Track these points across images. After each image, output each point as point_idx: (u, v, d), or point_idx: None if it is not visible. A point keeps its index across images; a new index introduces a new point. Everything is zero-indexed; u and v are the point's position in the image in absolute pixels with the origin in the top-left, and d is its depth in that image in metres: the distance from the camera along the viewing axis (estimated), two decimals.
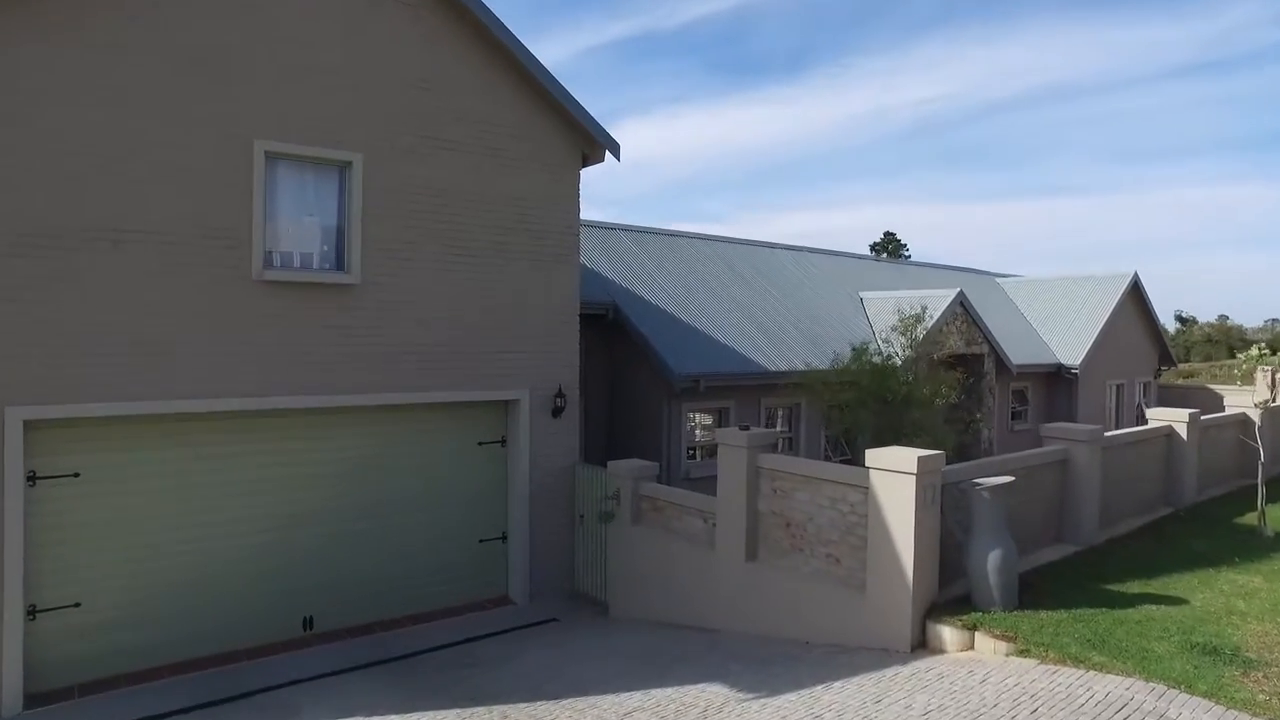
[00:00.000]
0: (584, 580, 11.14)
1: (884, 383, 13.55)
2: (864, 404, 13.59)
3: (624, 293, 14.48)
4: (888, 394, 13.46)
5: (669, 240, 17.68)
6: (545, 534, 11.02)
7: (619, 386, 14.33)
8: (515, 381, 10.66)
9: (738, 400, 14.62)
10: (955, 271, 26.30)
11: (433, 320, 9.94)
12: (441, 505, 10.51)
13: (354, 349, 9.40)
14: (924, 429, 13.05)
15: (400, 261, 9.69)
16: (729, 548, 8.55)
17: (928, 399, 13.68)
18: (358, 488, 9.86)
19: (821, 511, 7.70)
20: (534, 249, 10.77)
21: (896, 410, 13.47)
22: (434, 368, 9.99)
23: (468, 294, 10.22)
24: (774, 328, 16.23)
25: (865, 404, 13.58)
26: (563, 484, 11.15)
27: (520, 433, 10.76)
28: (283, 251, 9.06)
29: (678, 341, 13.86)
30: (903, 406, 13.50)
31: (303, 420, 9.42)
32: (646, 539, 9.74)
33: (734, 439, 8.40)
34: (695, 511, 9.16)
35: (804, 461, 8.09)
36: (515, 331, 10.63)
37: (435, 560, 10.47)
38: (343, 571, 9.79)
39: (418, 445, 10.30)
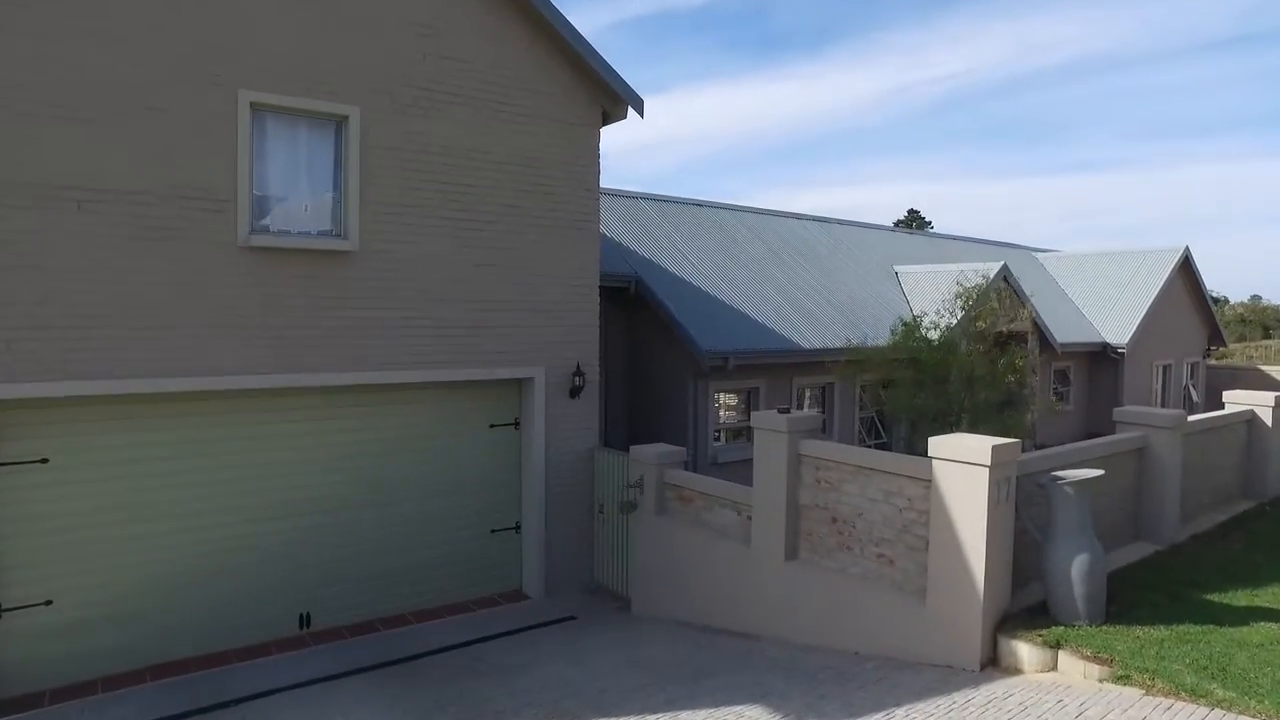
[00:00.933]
0: (604, 573, 10.31)
1: (944, 361, 12.41)
2: (920, 384, 12.49)
3: (647, 264, 13.55)
4: (950, 373, 12.33)
5: (694, 210, 16.70)
6: (562, 524, 10.19)
7: (641, 365, 13.44)
8: (529, 358, 9.79)
9: (768, 380, 13.69)
10: (991, 245, 25.12)
11: (438, 291, 9.07)
12: (450, 492, 9.69)
13: (352, 323, 8.55)
14: (984, 414, 11.88)
15: (403, 227, 8.81)
16: (766, 544, 7.67)
17: (994, 379, 12.57)
18: (358, 474, 9.05)
19: (873, 506, 6.79)
20: (550, 214, 9.86)
21: (956, 392, 12.35)
22: (440, 343, 9.13)
23: (477, 263, 9.33)
24: (807, 303, 15.25)
25: (922, 384, 12.48)
26: (581, 470, 10.30)
27: (535, 414, 9.91)
28: (272, 215, 8.20)
29: (705, 317, 12.93)
30: (964, 388, 12.38)
31: (296, 401, 8.60)
32: (673, 532, 8.88)
33: (772, 423, 7.49)
34: (727, 503, 8.28)
35: (854, 449, 7.17)
36: (529, 304, 9.74)
37: (443, 552, 9.67)
38: (343, 564, 9.00)
39: (423, 428, 9.47)
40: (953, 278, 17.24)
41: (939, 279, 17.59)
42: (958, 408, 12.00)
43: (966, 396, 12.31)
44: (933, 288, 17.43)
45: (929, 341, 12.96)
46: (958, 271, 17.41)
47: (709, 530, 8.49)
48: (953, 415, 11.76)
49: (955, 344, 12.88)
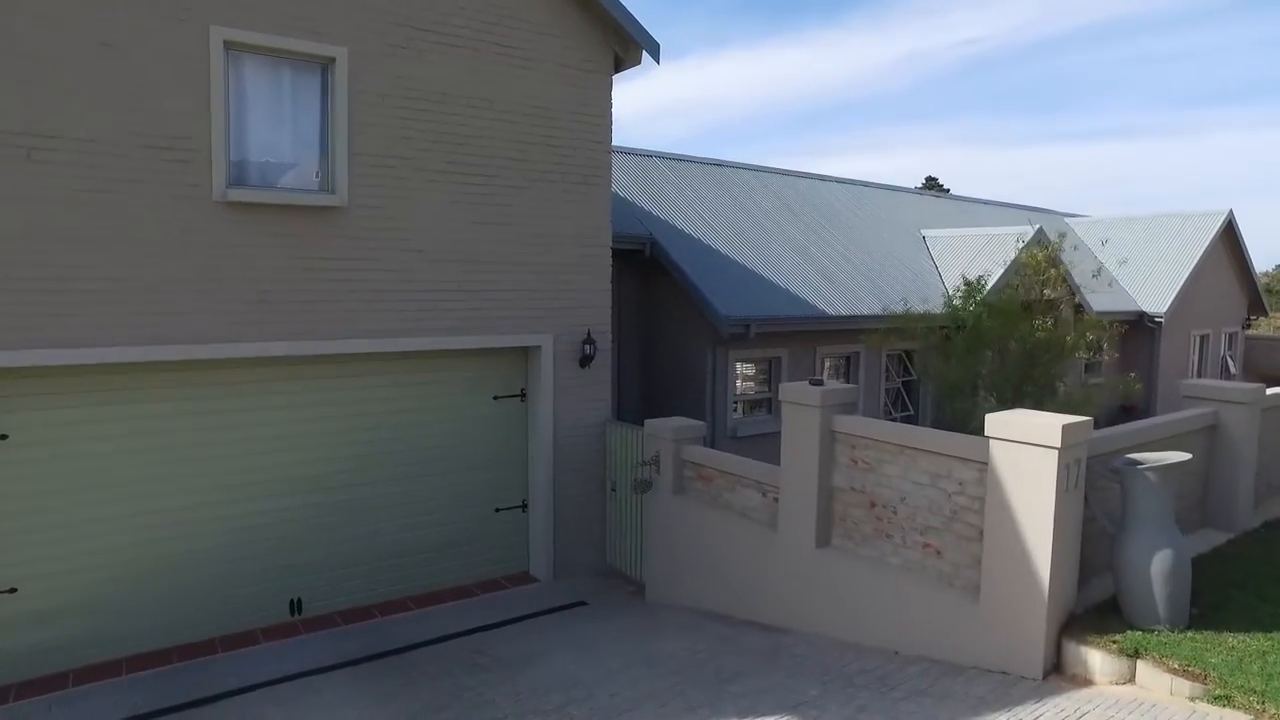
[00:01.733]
0: (617, 555, 9.65)
1: (1012, 326, 11.31)
2: (971, 353, 11.50)
3: (662, 226, 12.75)
4: (1019, 340, 11.23)
5: (711, 170, 15.84)
6: (571, 502, 9.52)
7: (655, 333, 12.69)
8: (536, 325, 9.06)
9: (791, 349, 12.92)
10: (1018, 209, 24.11)
11: (436, 251, 8.34)
12: (451, 469, 9.02)
13: (341, 285, 7.83)
14: (1047, 387, 10.92)
15: (396, 181, 8.06)
16: (795, 529, 6.96)
17: (1067, 348, 11.50)
18: (351, 449, 8.38)
19: (918, 490, 6.05)
20: (558, 168, 9.07)
21: (1019, 362, 11.37)
22: (438, 308, 8.40)
23: (478, 220, 8.58)
24: (832, 268, 14.42)
25: (973, 353, 11.48)
26: (592, 445, 9.60)
27: (542, 385, 9.20)
28: (252, 168, 7.46)
29: (724, 281, 12.14)
30: (1030, 358, 11.37)
31: (281, 372, 7.92)
32: (691, 513, 8.19)
33: (803, 396, 6.74)
34: (751, 483, 7.57)
35: (896, 427, 6.41)
36: (536, 266, 8.99)
37: (444, 533, 9.02)
38: (336, 547, 8.37)
39: (421, 400, 8.78)
40: (984, 242, 16.40)
41: (969, 243, 16.72)
42: (1015, 380, 11.05)
43: (1034, 368, 11.27)
44: (963, 252, 16.56)
45: (991, 306, 11.79)
46: (989, 236, 16.54)
47: (731, 512, 7.79)
48: (1006, 389, 10.85)
49: (1023, 308, 11.75)
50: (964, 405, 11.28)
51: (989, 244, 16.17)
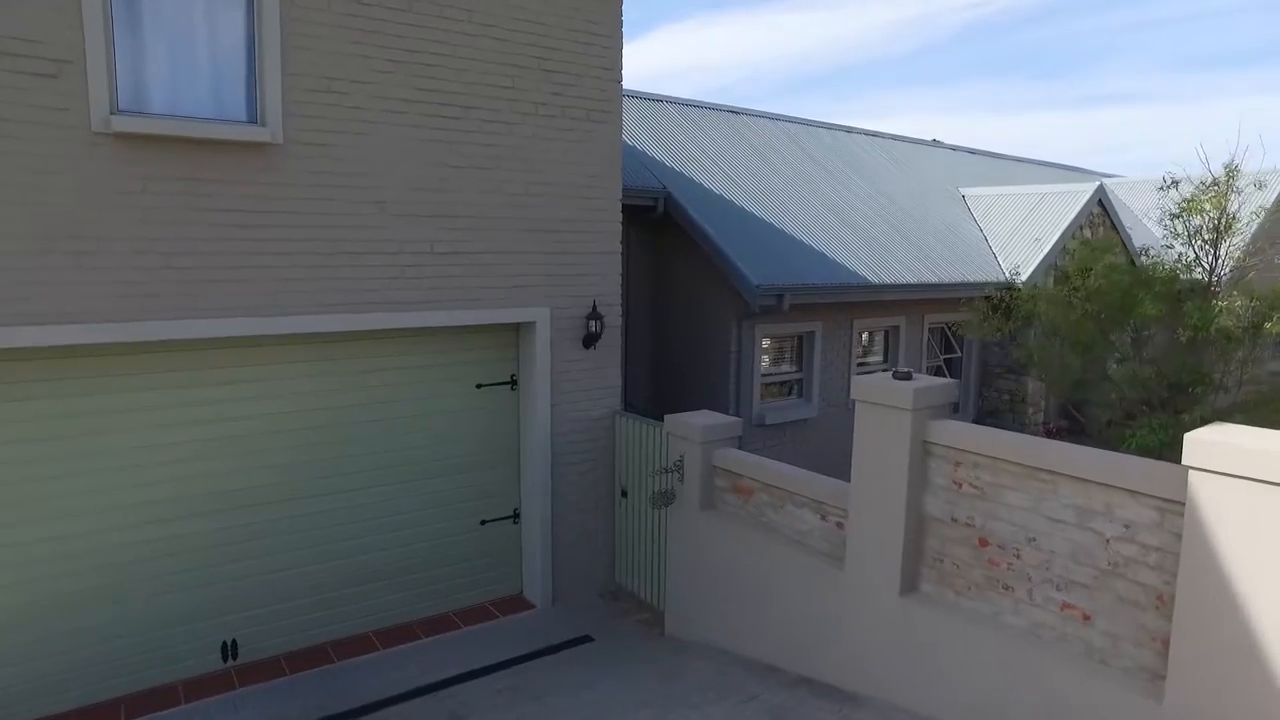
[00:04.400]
0: (628, 573, 8.01)
1: (1170, 304, 9.25)
2: (1105, 334, 9.38)
3: (676, 178, 10.94)
4: (1194, 324, 9.03)
5: (728, 118, 13.97)
6: (573, 510, 7.86)
7: (668, 303, 10.94)
8: (529, 296, 7.32)
9: (825, 322, 11.18)
10: (1053, 168, 22.28)
11: (401, 203, 6.57)
12: (425, 474, 7.33)
13: (277, 246, 6.07)
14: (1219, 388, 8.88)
15: (347, 112, 6.26)
16: (869, 566, 5.28)
17: (1244, 331, 9.22)
18: (297, 454, 6.68)
19: (1055, 530, 4.36)
20: (556, 99, 7.28)
21: (1179, 353, 9.28)
22: (404, 276, 6.66)
23: (456, 165, 6.80)
24: (870, 230, 12.63)
25: (1106, 334, 9.39)
26: (598, 442, 7.91)
27: (537, 370, 7.48)
28: (150, 89, 5.64)
29: (751, 243, 10.37)
30: (1194, 348, 9.29)
31: (202, 358, 6.18)
32: (724, 534, 6.51)
33: (887, 394, 5.02)
34: (806, 501, 5.88)
35: (1021, 440, 4.69)
36: (528, 222, 7.23)
37: (417, 551, 7.36)
38: (281, 573, 6.70)
39: (386, 391, 7.06)
40: (1034, 201, 14.64)
41: (1017, 202, 14.93)
42: (1172, 377, 9.05)
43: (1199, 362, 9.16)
44: (1011, 213, 14.77)
45: (1136, 274, 9.58)
46: (1041, 194, 14.75)
47: (777, 537, 6.11)
48: (1159, 387, 8.96)
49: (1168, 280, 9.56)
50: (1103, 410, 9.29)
51: (1041, 203, 14.38)
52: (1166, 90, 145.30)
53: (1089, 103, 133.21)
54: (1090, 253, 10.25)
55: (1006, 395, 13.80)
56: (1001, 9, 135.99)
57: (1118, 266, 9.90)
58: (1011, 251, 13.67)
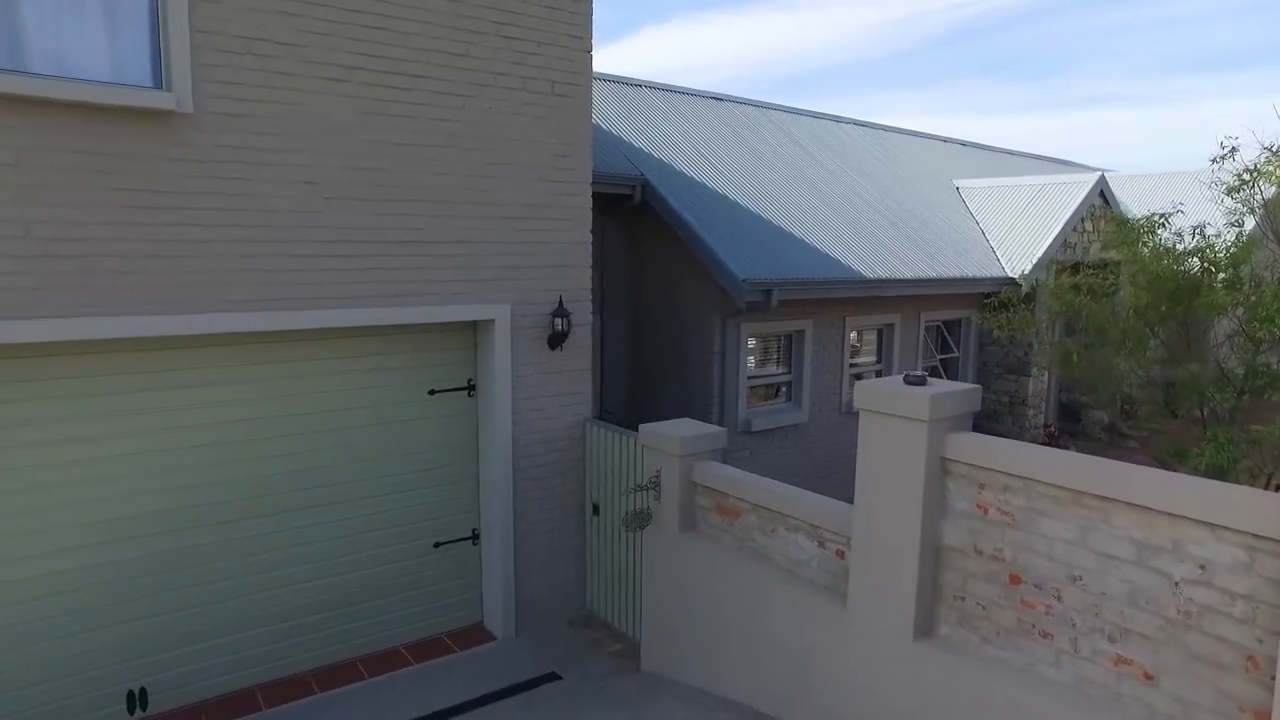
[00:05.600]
0: (600, 599, 7.21)
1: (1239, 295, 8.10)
2: (1152, 328, 8.43)
3: (656, 165, 10.14)
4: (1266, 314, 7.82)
5: (713, 105, 13.19)
6: (539, 530, 7.05)
7: (646, 299, 10.14)
8: (486, 290, 6.51)
9: (816, 319, 10.41)
10: (1048, 161, 21.65)
11: (338, 184, 5.74)
12: (369, 492, 6.50)
13: (186, 233, 5.22)
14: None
15: (272, 78, 5.43)
16: (876, 604, 4.50)
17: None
18: (221, 472, 5.83)
19: (1107, 567, 3.59)
20: (518, 70, 6.47)
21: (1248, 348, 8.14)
22: (344, 268, 5.83)
23: (402, 142, 5.98)
24: (864, 222, 11.86)
25: (1145, 327, 8.45)
26: (567, 452, 7.11)
27: (497, 374, 6.66)
28: (28, 44, 4.79)
29: (736, 235, 9.58)
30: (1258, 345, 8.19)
31: (101, 364, 5.32)
32: (707, 560, 5.71)
33: (897, 402, 4.24)
34: (802, 525, 5.09)
35: (1064, 458, 3.90)
36: (486, 208, 6.42)
37: (362, 578, 6.53)
38: (200, 610, 5.85)
39: (323, 397, 6.22)
40: (1031, 193, 13.94)
41: (1013, 195, 14.23)
42: (1248, 382, 8.01)
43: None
44: (1007, 205, 14.06)
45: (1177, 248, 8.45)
46: (1038, 186, 14.07)
47: (769, 566, 5.31)
48: (1227, 393, 8.00)
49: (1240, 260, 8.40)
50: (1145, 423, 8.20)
51: (1040, 195, 13.69)
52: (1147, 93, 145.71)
53: (1071, 105, 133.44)
54: (1131, 233, 8.98)
55: (1006, 397, 13.08)
56: (984, 11, 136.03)
57: (1170, 250, 8.63)
58: (1010, 245, 12.96)
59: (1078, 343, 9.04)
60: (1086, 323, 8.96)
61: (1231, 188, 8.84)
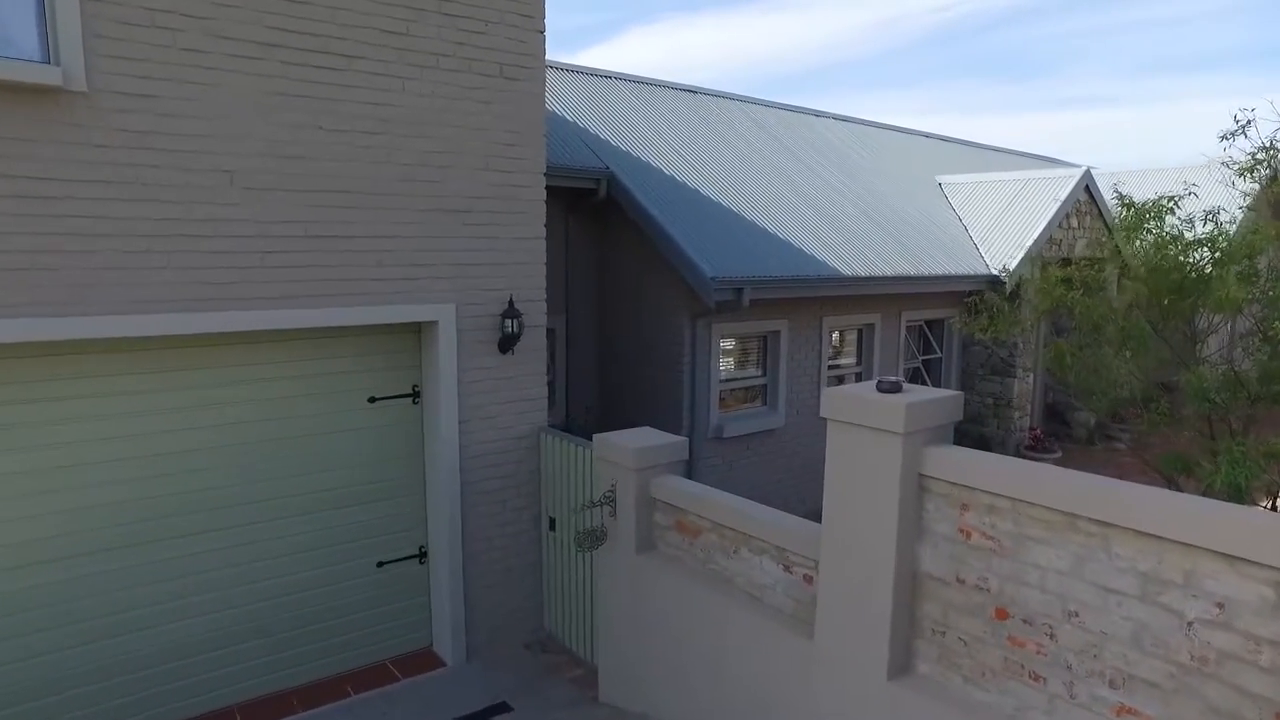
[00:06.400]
0: (559, 621, 6.71)
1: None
2: (1167, 321, 7.70)
3: (623, 158, 9.65)
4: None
5: (686, 97, 12.71)
6: (491, 547, 6.55)
7: (615, 301, 9.64)
8: (428, 290, 5.99)
9: (792, 320, 9.94)
10: (1034, 159, 21.29)
11: (259, 174, 5.21)
12: (303, 509, 5.97)
13: (81, 225, 4.69)
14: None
15: (182, 56, 4.90)
16: (846, 637, 4.01)
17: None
18: (132, 490, 5.29)
19: (1109, 604, 3.11)
20: (461, 50, 5.96)
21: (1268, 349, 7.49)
22: (265, 265, 5.30)
23: (332, 127, 5.45)
24: (843, 218, 11.40)
25: (1148, 324, 7.72)
26: (521, 463, 6.60)
27: (441, 380, 6.14)
28: None
29: (707, 231, 9.10)
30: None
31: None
32: (666, 582, 5.21)
33: (868, 411, 3.75)
34: (767, 547, 4.60)
35: (1056, 476, 3.42)
36: (427, 200, 5.91)
37: (297, 602, 6.00)
38: (110, 641, 5.30)
39: (250, 407, 5.68)
40: (1016, 189, 13.53)
41: (997, 190, 13.82)
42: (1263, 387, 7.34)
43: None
44: (991, 201, 13.65)
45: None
46: (1023, 181, 13.66)
47: (730, 590, 4.82)
48: (1238, 395, 7.39)
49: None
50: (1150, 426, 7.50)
51: (1024, 191, 13.28)
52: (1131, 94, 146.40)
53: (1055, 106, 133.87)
54: (1135, 218, 8.11)
55: (990, 399, 12.66)
56: (969, 12, 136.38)
57: (1178, 238, 7.80)
58: (994, 241, 12.55)
59: (1071, 343, 8.46)
60: (1080, 320, 8.39)
61: (1244, 168, 7.99)
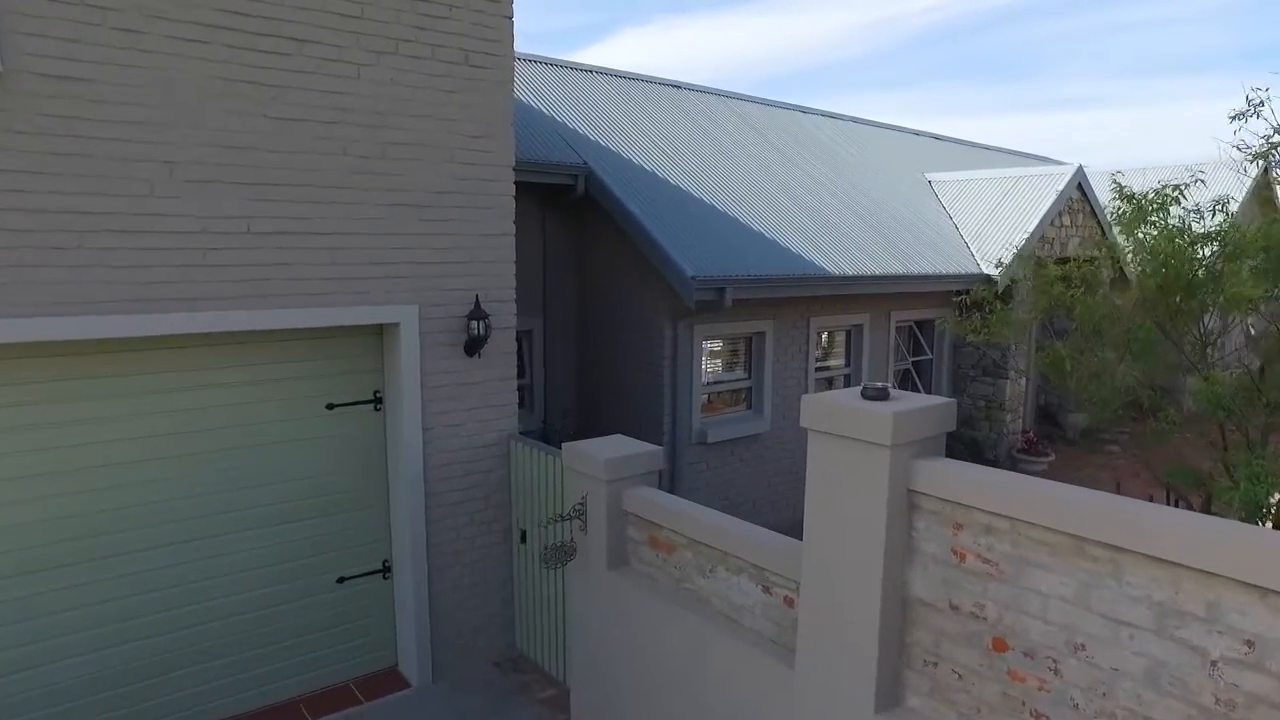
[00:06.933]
0: (530, 639, 6.36)
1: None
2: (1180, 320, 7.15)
3: (602, 154, 9.31)
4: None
5: (669, 92, 12.38)
6: (459, 561, 6.20)
7: (596, 302, 9.30)
8: (389, 290, 5.64)
9: (778, 320, 9.62)
10: (1024, 157, 21.04)
11: (201, 164, 4.85)
12: (258, 522, 5.61)
13: (8, 221, 4.33)
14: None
15: (116, 36, 4.54)
16: (830, 666, 3.68)
17: None
18: (66, 506, 4.92)
19: (1120, 637, 2.79)
20: (424, 36, 5.62)
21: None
22: (210, 263, 4.94)
23: (282, 116, 5.10)
24: (830, 216, 11.09)
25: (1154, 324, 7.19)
26: (491, 473, 6.26)
27: (404, 385, 5.79)
28: None
29: (689, 229, 8.77)
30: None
31: None
32: (639, 602, 4.87)
33: (851, 421, 3.42)
34: (744, 565, 4.27)
35: (1060, 493, 3.09)
36: (387, 195, 5.56)
37: (253, 622, 5.64)
38: (40, 669, 4.93)
39: (197, 415, 5.32)
40: (1007, 186, 13.26)
41: (988, 188, 13.54)
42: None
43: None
44: (981, 199, 13.38)
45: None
46: (1015, 178, 13.39)
47: (707, 612, 4.49)
48: (1255, 400, 7.00)
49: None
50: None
51: (1015, 188, 13.00)
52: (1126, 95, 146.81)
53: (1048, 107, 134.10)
54: (1135, 212, 7.45)
55: (982, 401, 12.37)
56: (961, 13, 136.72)
57: (1185, 229, 7.18)
58: (985, 240, 12.26)
59: (1070, 346, 8.07)
60: (1080, 321, 8.00)
61: (1258, 153, 7.43)
